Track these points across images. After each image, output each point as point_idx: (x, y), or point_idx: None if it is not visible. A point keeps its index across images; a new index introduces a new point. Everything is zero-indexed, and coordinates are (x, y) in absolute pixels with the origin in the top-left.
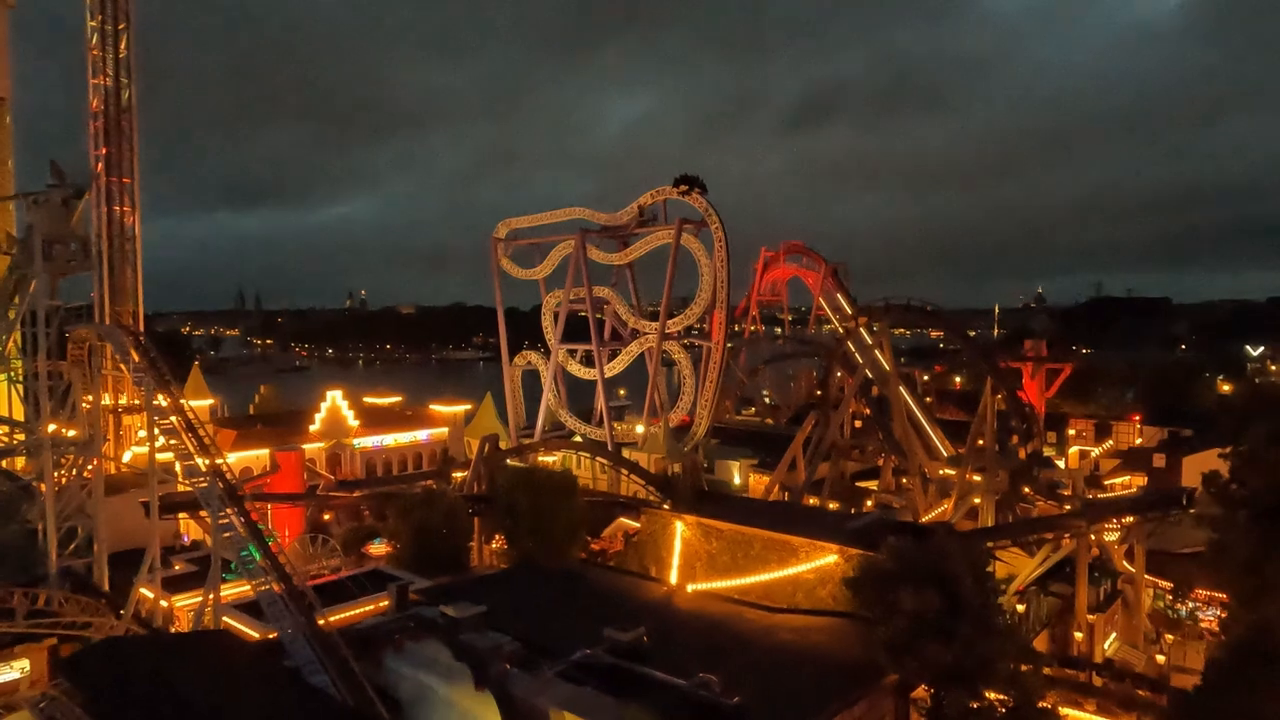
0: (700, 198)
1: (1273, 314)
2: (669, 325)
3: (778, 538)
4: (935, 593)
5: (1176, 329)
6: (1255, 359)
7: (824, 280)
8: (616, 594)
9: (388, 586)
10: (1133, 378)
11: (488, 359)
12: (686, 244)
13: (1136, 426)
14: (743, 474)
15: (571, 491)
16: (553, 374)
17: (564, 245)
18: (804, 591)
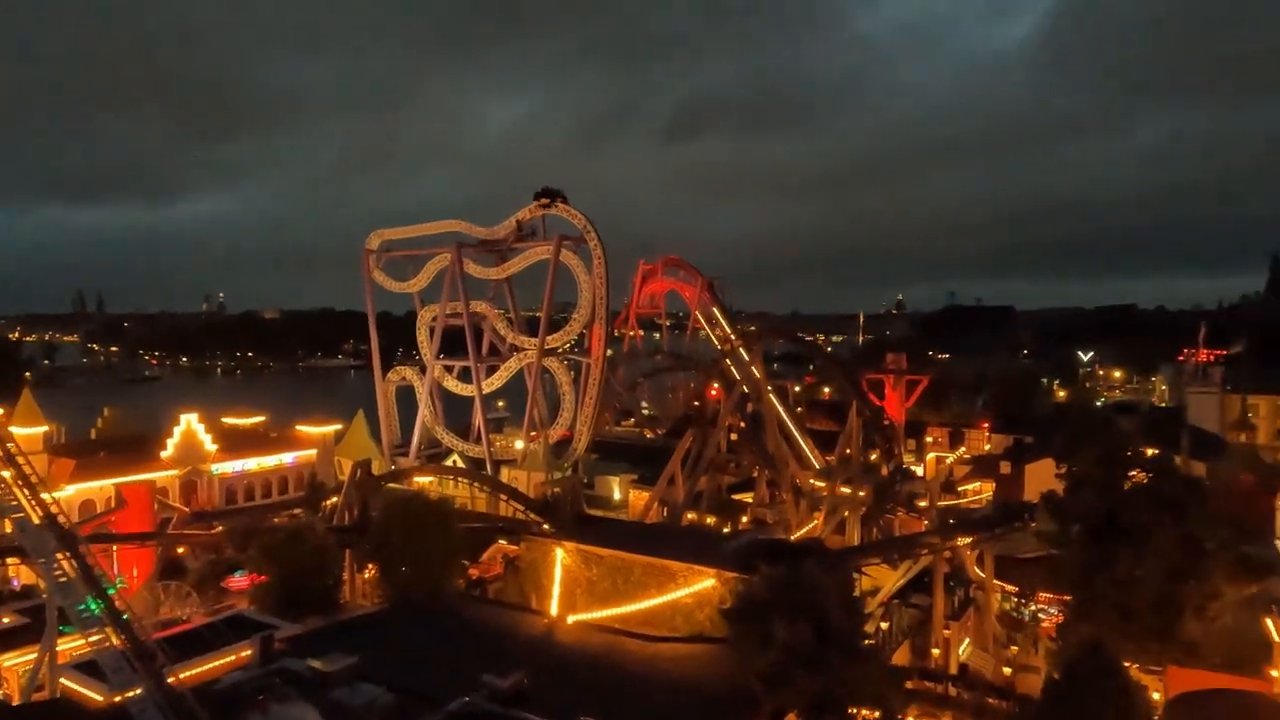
0: (579, 214)
1: (1099, 321)
2: (549, 341)
3: (657, 563)
4: (807, 625)
5: (1020, 336)
6: (1085, 364)
7: (700, 294)
8: (496, 630)
9: (250, 635)
10: (982, 385)
11: (359, 367)
12: (566, 260)
13: (986, 434)
14: (623, 489)
15: (449, 519)
16: (428, 390)
17: (440, 258)
18: (683, 615)
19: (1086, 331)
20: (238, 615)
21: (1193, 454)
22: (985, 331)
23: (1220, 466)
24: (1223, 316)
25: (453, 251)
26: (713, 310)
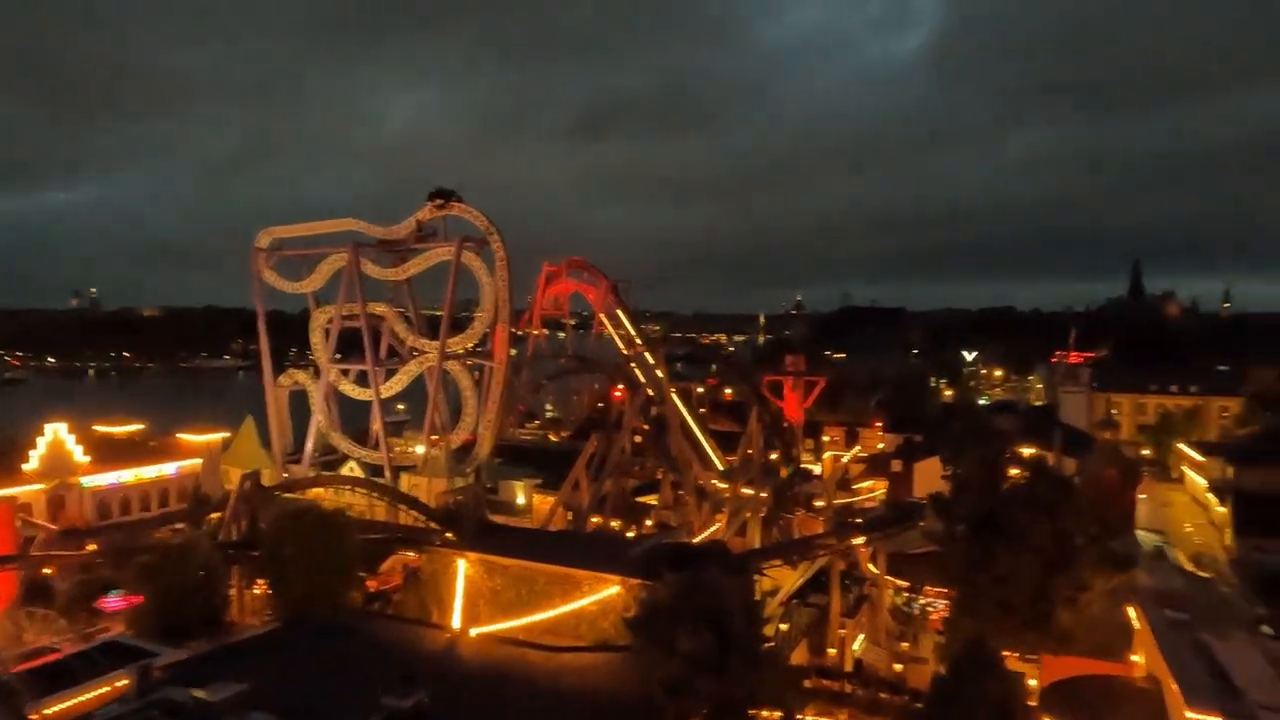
0: (481, 215)
1: (982, 322)
2: (450, 343)
3: (561, 571)
4: (709, 633)
5: (910, 336)
6: (970, 363)
7: (605, 296)
8: (396, 647)
9: (127, 664)
10: (876, 386)
11: (248, 368)
12: (468, 261)
13: (879, 433)
14: (527, 494)
15: (346, 530)
16: (323, 395)
17: (336, 257)
18: (588, 624)
19: (970, 332)
20: (113, 642)
21: (1065, 451)
22: (878, 331)
23: (1088, 463)
24: (1090, 318)
25: (349, 251)
26: (617, 313)
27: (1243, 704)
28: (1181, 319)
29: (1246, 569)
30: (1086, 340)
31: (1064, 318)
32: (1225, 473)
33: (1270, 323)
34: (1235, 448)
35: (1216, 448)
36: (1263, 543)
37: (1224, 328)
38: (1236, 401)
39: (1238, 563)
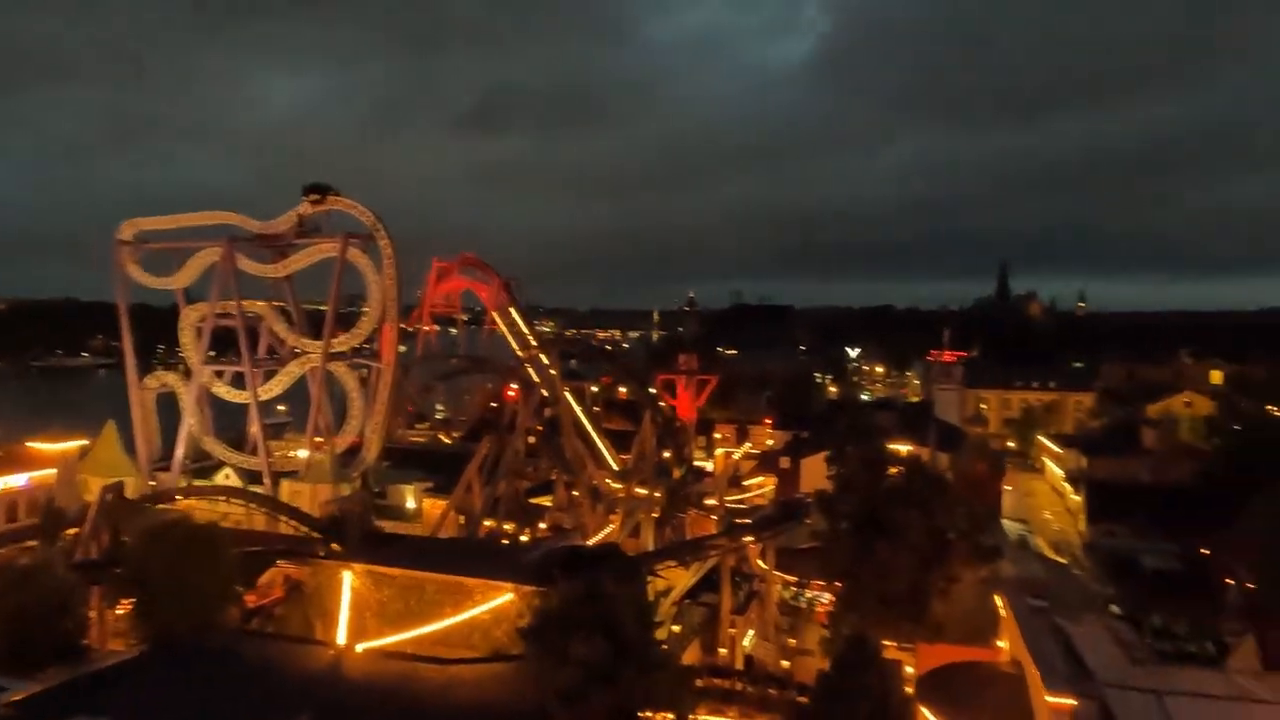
0: (368, 210)
1: (864, 320)
2: (334, 343)
3: (452, 580)
4: (602, 641)
5: (798, 333)
6: (853, 360)
7: (498, 294)
8: (277, 667)
9: None
10: (766, 382)
11: (109, 366)
12: (354, 259)
13: (768, 430)
14: (417, 499)
15: (220, 543)
16: (195, 398)
17: (208, 252)
18: (480, 633)
19: (854, 329)
20: None
21: (939, 446)
22: (768, 329)
23: (960, 457)
24: (962, 317)
25: (224, 246)
26: (510, 311)
27: (1094, 685)
28: (1042, 318)
29: (1098, 553)
30: (958, 339)
31: (938, 316)
32: (1079, 463)
33: (1120, 321)
34: (1088, 439)
35: (1072, 440)
36: (1112, 528)
37: (1079, 326)
38: (1090, 396)
39: (1090, 547)
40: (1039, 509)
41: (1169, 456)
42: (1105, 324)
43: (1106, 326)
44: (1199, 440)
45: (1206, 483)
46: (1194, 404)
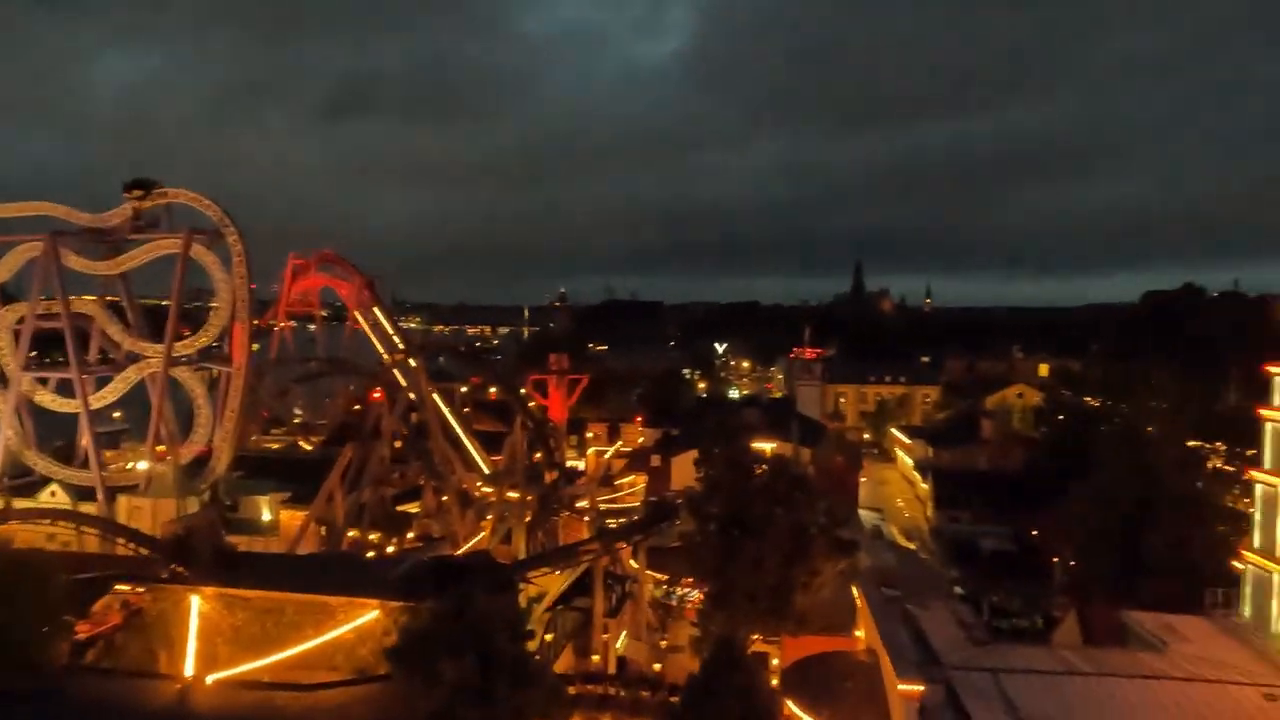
0: (214, 204)
1: (731, 316)
2: (178, 347)
3: (313, 600)
4: (474, 658)
5: (668, 328)
6: (720, 355)
7: (359, 293)
8: (114, 707)
9: None
10: (637, 379)
11: None
12: (199, 256)
13: (639, 427)
14: (273, 510)
15: (46, 572)
16: (14, 407)
17: (28, 247)
18: (344, 653)
19: (721, 325)
20: None
21: (801, 441)
22: (639, 325)
23: (821, 451)
24: (821, 313)
25: (46, 240)
26: (374, 311)
27: (940, 669)
28: (893, 314)
29: (943, 537)
30: (818, 334)
31: (800, 312)
32: (927, 453)
33: (962, 316)
34: (934, 431)
35: (920, 431)
36: (955, 513)
37: (926, 321)
38: (935, 390)
39: (936, 532)
40: (892, 497)
41: (1004, 445)
42: (949, 318)
43: (950, 321)
44: (1029, 430)
45: (1035, 469)
46: (1025, 395)
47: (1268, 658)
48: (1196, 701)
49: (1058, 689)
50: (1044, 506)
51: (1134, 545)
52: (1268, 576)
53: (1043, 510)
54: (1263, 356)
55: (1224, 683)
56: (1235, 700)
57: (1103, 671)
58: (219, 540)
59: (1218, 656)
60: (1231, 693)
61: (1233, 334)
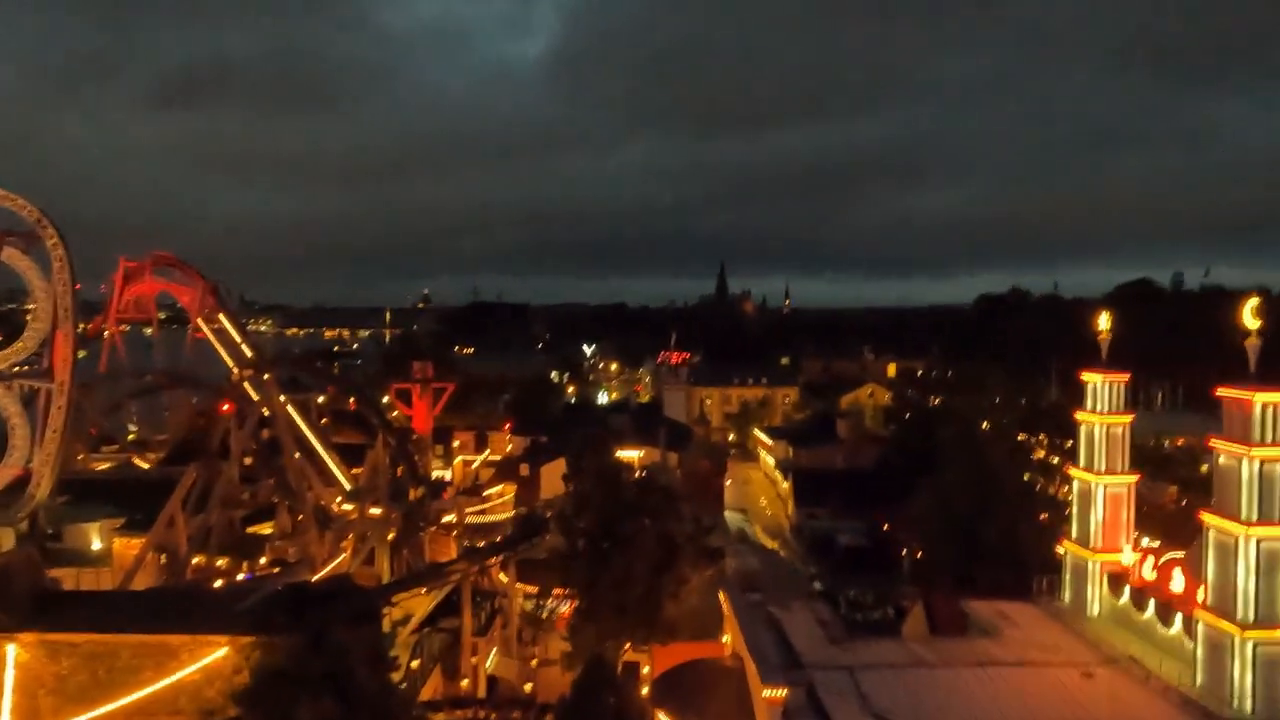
0: (30, 204)
1: (599, 317)
2: None
3: (152, 640)
4: (332, 701)
5: (536, 330)
6: (589, 357)
7: (202, 299)
8: None
9: None
10: (504, 385)
11: None
12: (11, 261)
13: (508, 435)
14: (105, 538)
15: None
16: None
17: None
18: (189, 696)
19: (590, 326)
20: None
21: (669, 446)
22: (506, 327)
23: (688, 455)
24: (687, 314)
25: None
26: (220, 319)
27: (803, 673)
28: (755, 315)
29: (803, 535)
30: (684, 335)
31: (667, 314)
32: (787, 453)
33: (819, 318)
34: (794, 431)
35: (781, 431)
36: (814, 510)
37: (786, 322)
38: (795, 390)
39: (797, 529)
40: (756, 496)
41: (857, 444)
42: (807, 319)
43: (808, 321)
44: (881, 428)
45: (886, 466)
46: (876, 394)
47: (1085, 639)
48: (1026, 684)
49: (908, 681)
50: (894, 501)
51: (972, 536)
52: (1084, 564)
53: (893, 505)
54: (1078, 356)
55: (1049, 665)
56: (1058, 680)
57: (946, 662)
58: (39, 577)
59: (1043, 640)
60: (1055, 673)
61: (1053, 335)
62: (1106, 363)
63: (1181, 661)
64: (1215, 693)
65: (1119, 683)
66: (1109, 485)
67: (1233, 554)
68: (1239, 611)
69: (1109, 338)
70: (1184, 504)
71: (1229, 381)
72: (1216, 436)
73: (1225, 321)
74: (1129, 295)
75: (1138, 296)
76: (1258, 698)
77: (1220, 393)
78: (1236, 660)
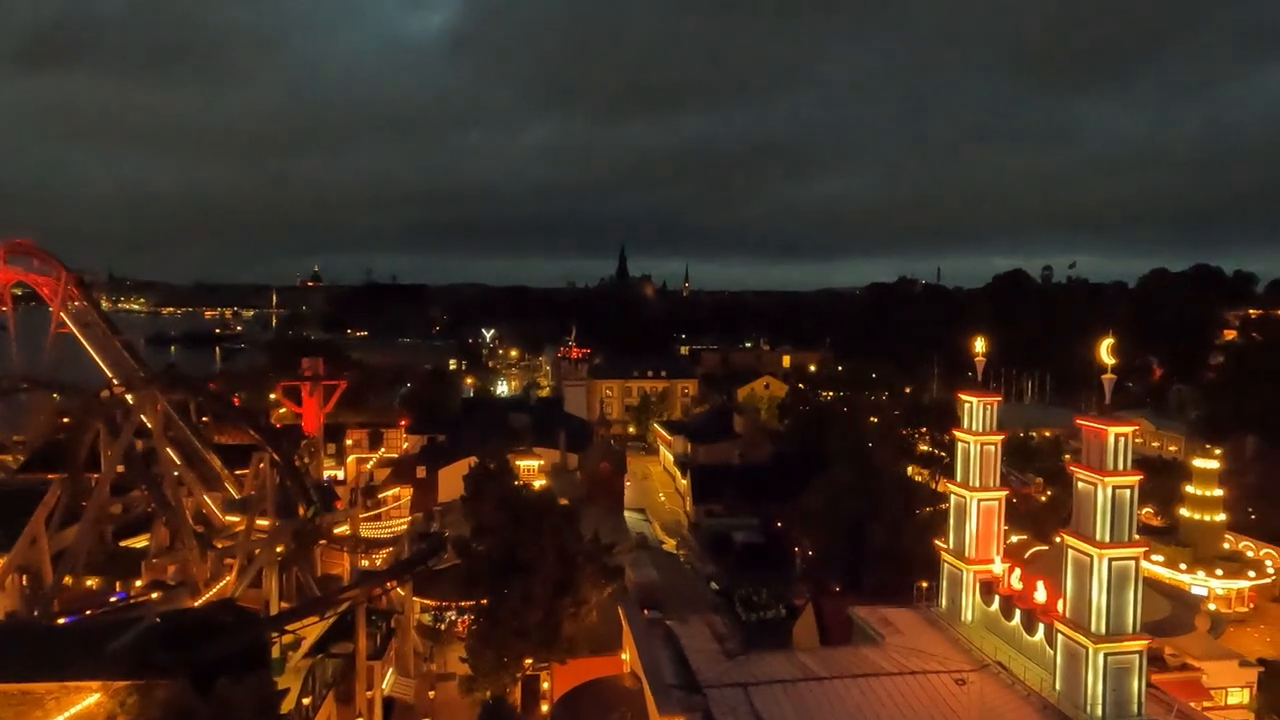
0: None
1: (500, 299)
2: None
3: (13, 690)
4: None
5: (434, 313)
6: (488, 343)
7: (63, 291)
8: None
9: None
10: (400, 378)
11: None
12: None
13: (404, 433)
14: None
15: None
16: None
17: None
18: None
19: (490, 308)
20: None
21: (570, 447)
22: (402, 309)
23: (588, 457)
24: (588, 295)
25: None
26: (89, 313)
27: (700, 699)
28: (655, 298)
29: (701, 532)
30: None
31: (567, 295)
32: (686, 449)
33: (716, 299)
34: (692, 426)
35: (679, 426)
36: (712, 507)
37: (685, 303)
38: (694, 383)
39: (695, 526)
40: (655, 491)
41: (753, 438)
42: (705, 300)
43: (706, 303)
44: (776, 422)
45: (781, 461)
46: (771, 386)
47: (960, 645)
48: (905, 693)
49: (798, 696)
50: (788, 498)
51: (860, 538)
52: (959, 573)
53: (787, 502)
54: (958, 348)
55: (926, 673)
56: (934, 687)
57: (833, 673)
58: None
59: (922, 646)
60: (932, 681)
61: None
62: (981, 382)
63: (1043, 667)
64: (1072, 698)
65: (989, 688)
66: (982, 500)
67: (1088, 572)
68: (1093, 624)
69: (984, 361)
70: (1049, 495)
71: (1090, 390)
72: (1075, 464)
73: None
74: (1003, 286)
75: (1011, 288)
76: (1108, 703)
77: (1079, 422)
78: (1090, 669)
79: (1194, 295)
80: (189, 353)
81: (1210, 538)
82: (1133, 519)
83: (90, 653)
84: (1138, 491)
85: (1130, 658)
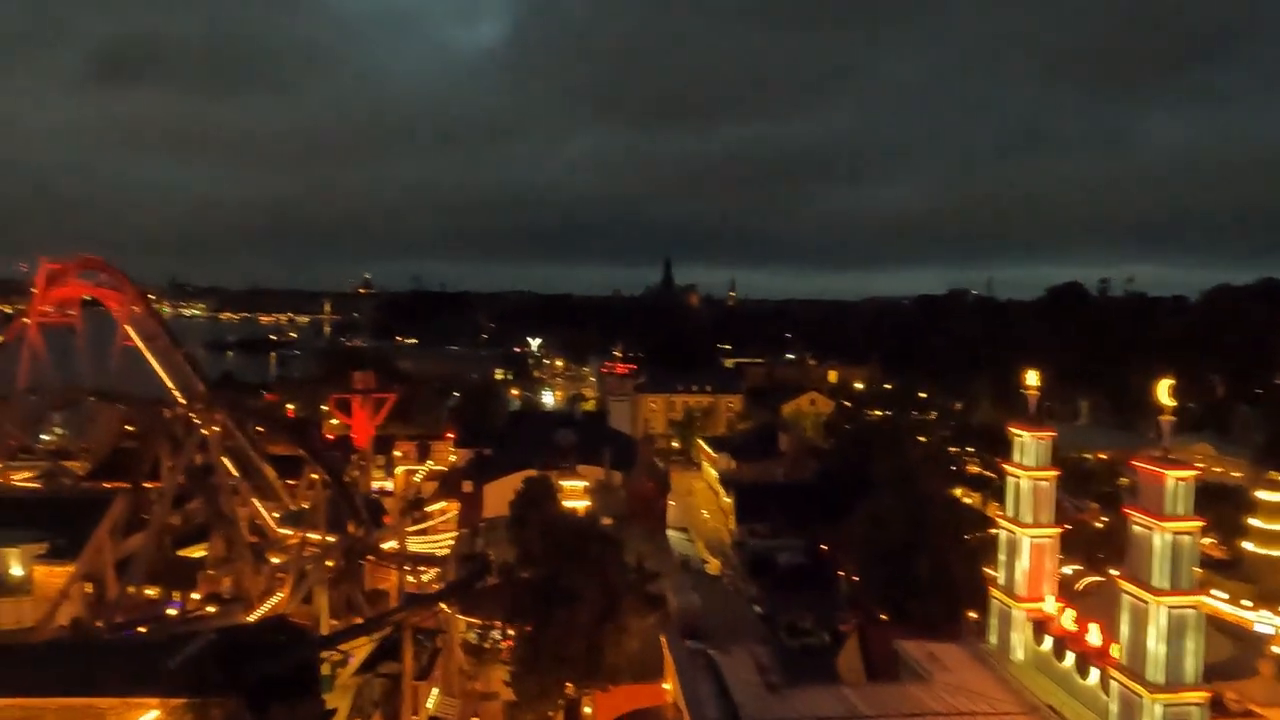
0: None
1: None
2: None
3: (78, 704)
4: None
5: (480, 320)
6: (535, 352)
7: (132, 306)
8: None
9: None
10: (448, 390)
11: None
12: None
13: (451, 446)
14: (25, 565)
15: None
16: None
17: None
18: None
19: (536, 316)
20: None
21: (614, 464)
22: (449, 316)
23: (632, 477)
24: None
25: None
26: (156, 329)
27: None
28: (700, 307)
29: (744, 552)
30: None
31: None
32: (730, 465)
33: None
34: (736, 443)
35: (723, 442)
36: (755, 527)
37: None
38: (739, 398)
39: (738, 545)
40: (698, 508)
41: (798, 456)
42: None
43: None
44: (821, 440)
45: (826, 480)
46: (818, 403)
47: (1009, 685)
48: None
49: None
50: (833, 519)
51: (905, 563)
52: (1009, 611)
53: (832, 523)
54: (1010, 364)
55: (975, 714)
56: None
57: (879, 713)
58: None
59: (971, 685)
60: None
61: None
62: (1034, 416)
63: (1097, 714)
64: None
65: None
66: (1034, 537)
67: (1144, 619)
68: (1149, 673)
69: (1037, 395)
70: (1105, 521)
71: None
72: (1130, 506)
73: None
74: (1059, 299)
75: (1067, 300)
76: None
77: (1135, 463)
78: (1146, 719)
79: (1260, 311)
80: (245, 358)
81: (1277, 573)
82: (1192, 565)
83: (150, 668)
84: (1199, 537)
85: (1189, 709)
